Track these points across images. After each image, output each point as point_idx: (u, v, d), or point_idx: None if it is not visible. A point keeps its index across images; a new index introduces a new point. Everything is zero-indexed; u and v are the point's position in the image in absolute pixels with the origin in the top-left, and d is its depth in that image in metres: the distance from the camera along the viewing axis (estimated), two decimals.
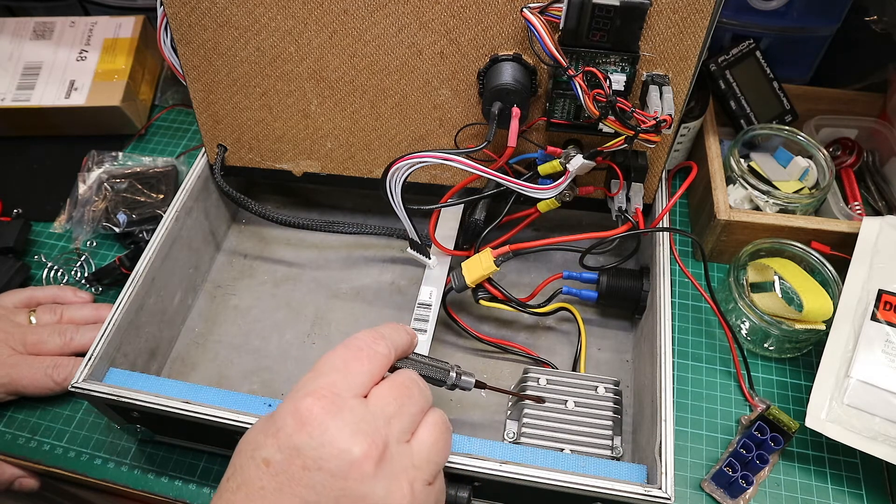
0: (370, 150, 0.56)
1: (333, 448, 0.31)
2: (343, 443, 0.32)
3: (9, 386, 0.52)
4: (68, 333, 0.55)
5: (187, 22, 0.51)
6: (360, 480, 0.31)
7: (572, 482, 0.41)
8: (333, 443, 0.32)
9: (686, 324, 0.59)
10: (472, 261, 0.53)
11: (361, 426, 0.33)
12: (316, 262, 0.63)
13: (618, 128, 0.44)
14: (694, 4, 0.43)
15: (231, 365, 0.56)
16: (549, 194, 0.49)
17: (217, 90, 0.55)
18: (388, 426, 0.34)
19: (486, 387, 0.45)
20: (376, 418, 0.34)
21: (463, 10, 0.46)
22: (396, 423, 0.35)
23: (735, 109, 0.66)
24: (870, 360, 0.49)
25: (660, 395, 0.45)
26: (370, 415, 0.34)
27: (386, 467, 0.33)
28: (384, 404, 0.35)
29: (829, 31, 0.66)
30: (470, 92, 0.51)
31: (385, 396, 0.35)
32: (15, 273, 0.62)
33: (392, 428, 0.34)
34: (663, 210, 0.54)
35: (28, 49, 0.76)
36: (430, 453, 0.35)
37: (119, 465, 0.52)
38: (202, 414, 0.44)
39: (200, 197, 0.60)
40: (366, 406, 0.34)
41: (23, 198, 0.70)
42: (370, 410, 0.34)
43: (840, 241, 0.57)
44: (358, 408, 0.33)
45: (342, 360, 0.36)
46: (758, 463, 0.49)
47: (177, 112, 0.79)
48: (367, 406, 0.34)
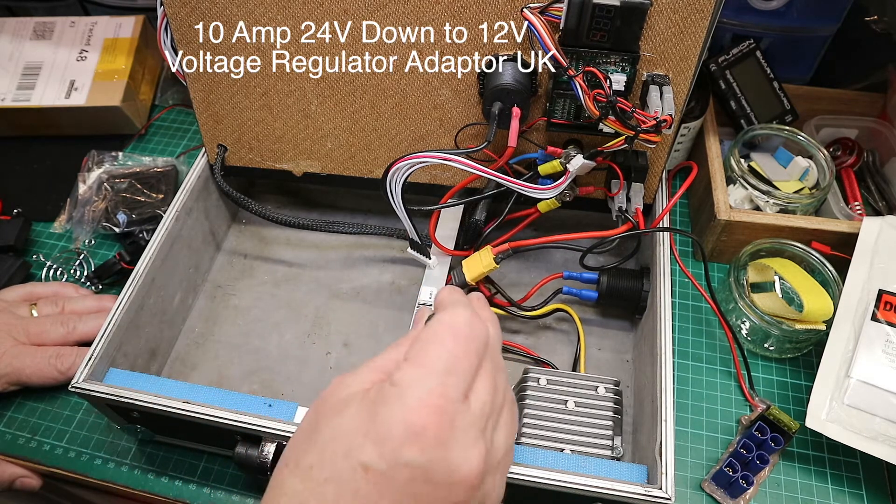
0: (370, 150, 0.56)
1: (445, 464, 0.30)
2: (457, 459, 0.30)
3: (12, 376, 0.52)
4: (71, 323, 0.55)
5: (187, 22, 0.51)
6: (467, 491, 0.30)
7: (572, 482, 0.41)
8: (448, 458, 0.30)
9: (686, 324, 0.59)
10: (473, 258, 0.53)
11: (470, 435, 0.31)
12: (316, 262, 0.63)
13: (618, 128, 0.44)
14: (694, 4, 0.43)
15: (231, 365, 0.56)
16: (550, 194, 0.49)
17: (217, 90, 0.55)
18: (486, 427, 0.32)
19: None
20: (479, 422, 0.32)
21: (463, 10, 0.46)
22: (491, 423, 0.33)
23: (735, 109, 0.66)
24: (870, 361, 0.49)
25: (660, 395, 0.45)
26: (476, 419, 0.32)
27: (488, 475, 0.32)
28: (482, 403, 0.32)
29: (829, 31, 0.66)
30: (470, 92, 0.51)
31: (483, 394, 0.33)
32: (16, 271, 0.62)
33: (488, 428, 0.33)
34: (663, 210, 0.54)
35: (28, 49, 0.76)
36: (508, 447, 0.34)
37: (119, 465, 0.52)
38: (202, 414, 0.44)
39: (200, 197, 0.60)
40: (469, 408, 0.32)
41: (23, 198, 0.70)
42: (473, 413, 0.32)
43: (840, 241, 0.57)
44: (466, 414, 0.31)
45: (453, 357, 0.32)
46: (758, 463, 0.49)
47: (177, 112, 0.79)
48: (470, 408, 0.32)
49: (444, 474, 0.30)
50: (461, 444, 0.30)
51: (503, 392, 0.35)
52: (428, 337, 0.33)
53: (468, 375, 0.32)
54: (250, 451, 0.44)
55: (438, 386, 0.31)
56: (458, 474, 0.30)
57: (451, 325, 0.33)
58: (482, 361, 0.33)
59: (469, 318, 0.34)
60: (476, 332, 0.33)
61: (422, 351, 0.32)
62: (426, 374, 0.31)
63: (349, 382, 0.33)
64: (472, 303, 0.37)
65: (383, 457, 0.29)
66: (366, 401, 0.32)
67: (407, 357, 0.32)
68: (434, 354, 0.32)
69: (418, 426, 0.29)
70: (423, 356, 0.32)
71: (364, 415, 0.31)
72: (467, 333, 0.33)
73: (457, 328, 0.33)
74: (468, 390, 0.32)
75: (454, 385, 0.31)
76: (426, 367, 0.32)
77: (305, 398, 0.54)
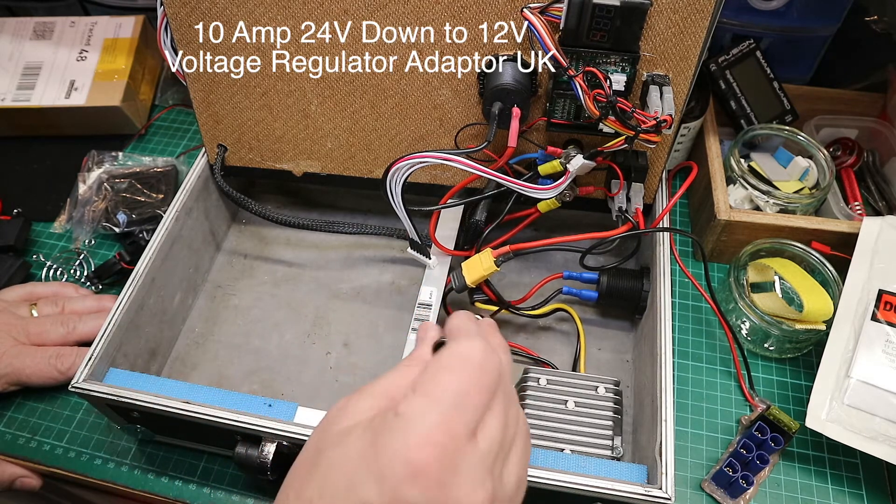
0: (370, 150, 0.56)
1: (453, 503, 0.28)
2: (458, 500, 0.28)
3: (12, 376, 0.52)
4: (70, 323, 0.55)
5: (187, 22, 0.51)
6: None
7: (572, 482, 0.41)
8: (448, 500, 0.28)
9: (686, 324, 0.59)
10: (473, 261, 0.53)
11: (476, 475, 0.29)
12: (316, 262, 0.63)
13: (618, 128, 0.44)
14: (694, 4, 0.43)
15: (231, 365, 0.56)
16: (550, 194, 0.49)
17: (217, 90, 0.55)
18: (494, 467, 0.31)
19: None
20: (487, 460, 0.30)
21: (463, 10, 0.46)
22: (500, 459, 0.31)
23: (735, 109, 0.66)
24: (870, 360, 0.49)
25: (660, 395, 0.45)
26: (483, 457, 0.30)
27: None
28: (491, 440, 0.31)
29: (829, 31, 0.66)
30: (470, 92, 0.51)
31: (492, 430, 0.31)
32: (16, 271, 0.62)
33: (497, 465, 0.31)
34: (663, 210, 0.54)
35: (28, 49, 0.76)
36: (521, 480, 0.33)
37: (119, 465, 0.52)
38: (202, 414, 0.44)
39: (200, 197, 0.60)
40: (477, 446, 0.30)
41: (23, 198, 0.70)
42: (481, 451, 0.30)
43: (840, 241, 0.57)
44: (472, 453, 0.30)
45: (463, 391, 0.31)
46: (758, 463, 0.49)
47: (177, 112, 0.79)
48: (477, 446, 0.30)
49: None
50: (466, 484, 0.29)
51: (514, 424, 0.33)
52: (439, 367, 0.32)
53: (478, 411, 0.31)
54: (250, 451, 0.44)
55: (445, 422, 0.29)
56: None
57: (464, 357, 0.32)
58: (494, 396, 0.32)
59: (483, 350, 0.32)
60: (490, 366, 0.32)
61: (431, 381, 0.31)
62: (433, 406, 0.30)
63: (351, 410, 0.32)
64: (483, 330, 0.36)
65: (383, 495, 0.28)
66: (368, 431, 0.30)
67: (415, 387, 0.31)
68: (443, 386, 0.31)
69: (421, 464, 0.28)
70: (432, 387, 0.31)
71: (366, 446, 0.30)
72: (480, 367, 0.32)
73: (470, 361, 0.32)
74: (477, 426, 0.31)
75: (462, 421, 0.30)
76: (434, 400, 0.30)
77: (305, 398, 0.54)
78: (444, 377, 0.31)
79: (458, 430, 0.29)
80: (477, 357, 0.32)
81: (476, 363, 0.32)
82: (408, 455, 0.28)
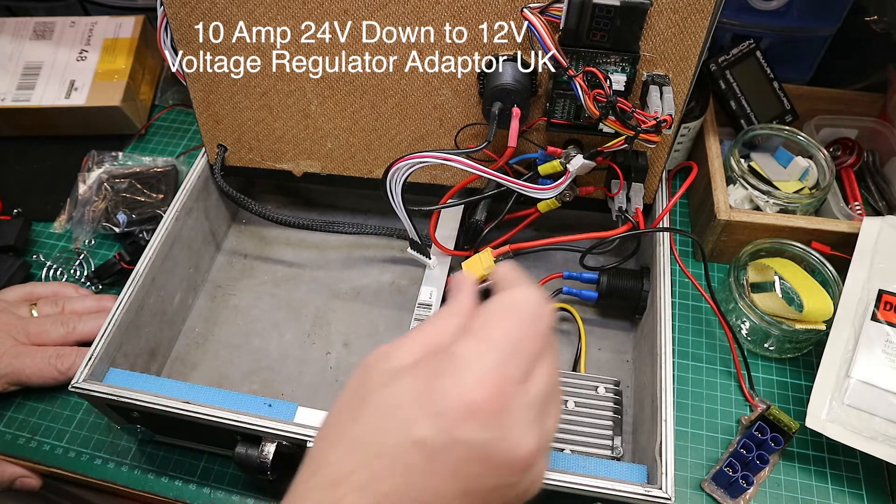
0: (370, 150, 0.56)
1: (505, 442, 0.29)
2: (514, 439, 0.29)
3: (12, 376, 0.52)
4: (70, 323, 0.55)
5: (187, 22, 0.51)
6: (520, 473, 0.30)
7: (572, 482, 0.41)
8: (505, 438, 0.29)
9: (686, 324, 0.59)
10: (473, 260, 0.53)
11: (528, 418, 0.30)
12: (316, 262, 0.63)
13: (618, 128, 0.44)
14: (694, 4, 0.43)
15: (231, 365, 0.56)
16: (550, 194, 0.49)
17: (217, 90, 0.55)
18: (540, 414, 0.31)
19: None
20: (536, 406, 0.31)
21: (463, 10, 0.46)
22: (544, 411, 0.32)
23: (735, 109, 0.66)
24: (870, 360, 0.49)
25: (660, 395, 0.45)
26: (533, 403, 0.30)
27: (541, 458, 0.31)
28: (540, 388, 0.31)
29: (829, 31, 0.66)
30: (470, 92, 0.51)
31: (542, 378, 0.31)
32: (16, 271, 0.62)
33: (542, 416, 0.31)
34: (663, 210, 0.54)
35: (28, 49, 0.76)
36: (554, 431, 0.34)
37: (119, 465, 0.52)
38: (202, 414, 0.44)
39: (200, 197, 0.60)
40: (528, 392, 0.30)
41: (23, 198, 0.70)
42: (532, 397, 0.30)
43: (840, 241, 0.57)
44: (525, 398, 0.30)
45: (516, 337, 0.31)
46: (758, 463, 0.49)
47: (177, 112, 0.79)
48: (529, 392, 0.30)
49: (500, 455, 0.29)
50: (519, 427, 0.29)
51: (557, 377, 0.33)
52: (494, 312, 0.32)
53: (532, 358, 0.31)
54: (250, 451, 0.44)
55: (501, 365, 0.30)
56: (514, 455, 0.29)
57: (521, 303, 0.32)
58: (545, 345, 0.32)
59: (538, 298, 0.32)
60: (544, 314, 0.32)
61: (486, 326, 0.31)
62: (489, 350, 0.30)
63: (395, 354, 0.32)
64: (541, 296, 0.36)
65: (440, 432, 0.28)
66: (420, 373, 0.30)
67: (468, 331, 0.31)
68: (500, 332, 0.31)
69: (477, 403, 0.28)
70: (488, 332, 0.31)
71: (419, 388, 0.30)
72: (536, 314, 0.32)
73: (527, 308, 0.32)
74: (529, 373, 0.31)
75: (517, 366, 0.30)
76: (490, 344, 0.30)
77: (305, 398, 0.54)
78: (500, 323, 0.31)
79: (514, 374, 0.30)
80: (533, 304, 0.32)
81: (532, 310, 0.32)
82: (464, 394, 0.29)
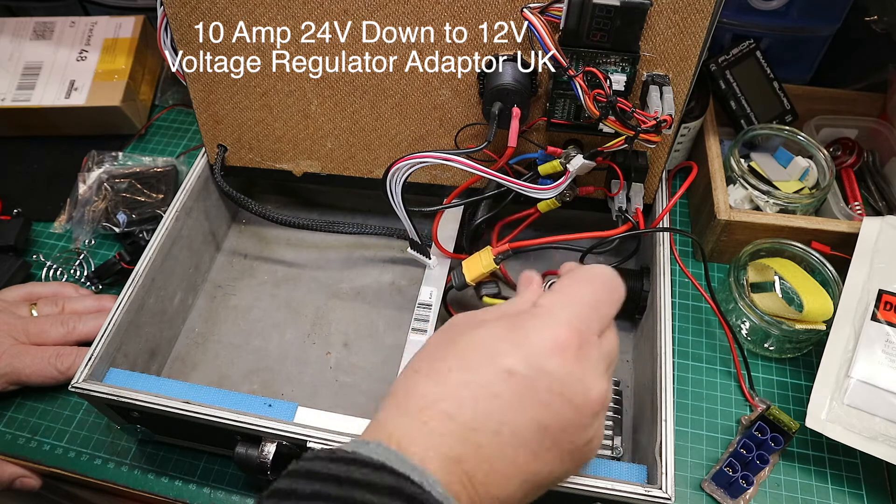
0: (370, 150, 0.56)
1: (583, 383, 0.32)
2: (590, 381, 0.32)
3: (11, 375, 0.52)
4: (70, 323, 0.55)
5: (187, 22, 0.51)
6: (589, 416, 0.32)
7: (572, 482, 0.41)
8: (584, 378, 0.32)
9: (686, 324, 0.59)
10: (473, 259, 0.53)
11: (600, 369, 0.33)
12: (316, 262, 0.63)
13: (618, 128, 0.44)
14: (694, 4, 0.43)
15: (231, 365, 0.56)
16: (550, 194, 0.49)
17: (217, 90, 0.55)
18: (610, 374, 0.35)
19: None
20: (606, 362, 0.34)
21: (463, 10, 0.46)
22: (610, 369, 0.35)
23: (735, 109, 0.66)
24: (870, 360, 0.49)
25: (660, 395, 0.45)
26: (605, 357, 0.34)
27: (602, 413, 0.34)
28: (611, 349, 0.35)
29: (829, 31, 0.66)
30: (470, 92, 0.51)
31: (611, 340, 0.35)
32: (16, 271, 0.62)
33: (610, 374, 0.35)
34: (663, 210, 0.54)
35: (28, 49, 0.76)
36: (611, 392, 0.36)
37: (119, 465, 0.52)
38: (202, 414, 0.44)
39: (200, 197, 0.60)
40: (602, 347, 0.34)
41: (23, 198, 0.70)
42: (603, 352, 0.34)
43: (840, 241, 0.57)
44: (597, 350, 0.33)
45: (596, 298, 0.35)
46: (758, 463, 0.49)
47: (177, 112, 0.79)
48: (602, 348, 0.34)
49: (578, 391, 0.31)
50: (593, 372, 0.32)
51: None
52: (576, 277, 0.36)
53: (605, 320, 0.35)
54: (250, 451, 0.44)
55: (582, 317, 0.33)
56: (589, 396, 0.32)
57: (597, 273, 0.36)
58: (614, 315, 0.36)
59: (614, 273, 0.37)
60: (617, 285, 0.36)
61: (570, 286, 0.35)
62: (572, 303, 0.34)
63: (479, 315, 0.35)
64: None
65: (528, 362, 0.31)
66: (506, 323, 0.33)
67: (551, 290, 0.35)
68: (582, 291, 0.35)
69: (562, 340, 0.32)
70: (571, 290, 0.35)
71: (508, 328, 0.33)
72: (612, 283, 0.36)
73: (603, 277, 0.36)
74: (602, 332, 0.34)
75: (596, 321, 0.34)
76: (573, 298, 0.34)
77: (305, 398, 0.54)
78: (580, 285, 0.35)
79: (593, 326, 0.34)
80: (610, 275, 0.36)
81: (608, 279, 0.36)
82: (550, 332, 0.32)
